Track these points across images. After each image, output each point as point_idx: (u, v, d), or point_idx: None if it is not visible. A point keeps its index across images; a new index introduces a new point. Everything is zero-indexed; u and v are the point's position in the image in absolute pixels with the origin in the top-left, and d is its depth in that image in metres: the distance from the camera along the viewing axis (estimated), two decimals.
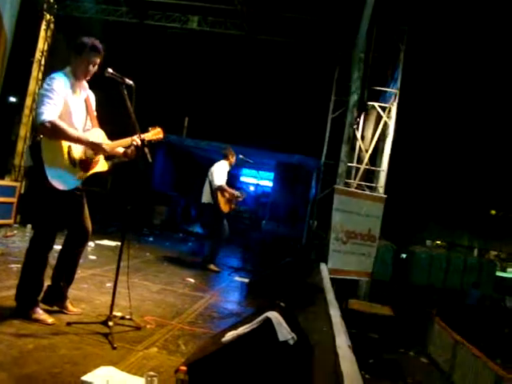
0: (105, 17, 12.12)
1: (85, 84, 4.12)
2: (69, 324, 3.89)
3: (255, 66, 12.82)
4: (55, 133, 3.70)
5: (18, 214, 8.89)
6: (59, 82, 3.81)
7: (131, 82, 3.96)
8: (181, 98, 13.73)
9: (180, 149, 15.15)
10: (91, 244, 8.34)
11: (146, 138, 4.18)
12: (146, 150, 4.03)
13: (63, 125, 3.72)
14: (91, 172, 4.08)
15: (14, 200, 8.75)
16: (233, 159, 8.31)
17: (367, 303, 10.10)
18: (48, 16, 12.06)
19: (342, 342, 4.43)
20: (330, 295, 6.80)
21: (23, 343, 3.38)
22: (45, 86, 3.82)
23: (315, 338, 4.26)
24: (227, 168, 8.26)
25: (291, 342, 2.92)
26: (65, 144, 3.81)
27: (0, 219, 8.40)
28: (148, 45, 12.93)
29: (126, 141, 4.18)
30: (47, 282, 4.14)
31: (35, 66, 11.64)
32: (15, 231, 8.08)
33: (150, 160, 4.00)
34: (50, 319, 3.89)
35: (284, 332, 2.89)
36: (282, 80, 12.77)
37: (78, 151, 3.92)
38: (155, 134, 4.28)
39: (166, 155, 14.74)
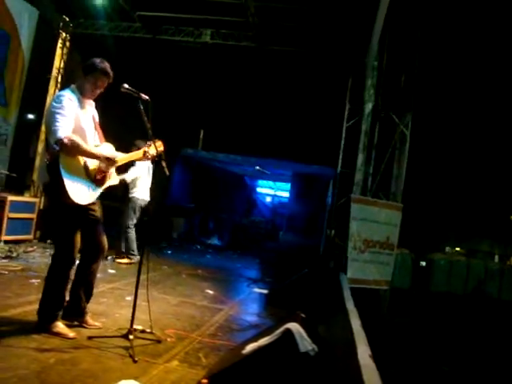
0: (119, 33, 12.26)
1: (90, 101, 4.18)
2: (90, 338, 3.92)
3: (269, 77, 12.85)
4: (73, 148, 3.75)
5: (38, 230, 8.97)
6: (68, 98, 3.87)
7: (147, 97, 4.00)
8: (195, 111, 13.80)
9: (196, 161, 15.23)
10: (109, 258, 8.41)
11: (149, 153, 4.22)
12: (164, 163, 4.06)
13: (79, 140, 3.79)
14: (106, 185, 4.13)
15: (33, 216, 8.84)
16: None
17: None
18: (64, 34, 12.21)
19: (364, 351, 4.39)
20: (350, 304, 6.76)
21: (45, 357, 3.40)
22: (54, 103, 3.87)
23: (336, 349, 4.24)
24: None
25: (312, 354, 2.91)
26: (81, 159, 3.87)
27: (20, 235, 8.49)
28: (162, 59, 13.03)
29: (138, 153, 4.24)
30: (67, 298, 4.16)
31: (52, 83, 11.77)
32: (35, 247, 8.15)
33: (168, 173, 4.03)
34: (71, 333, 3.92)
35: (305, 343, 2.88)
36: (296, 90, 12.77)
37: (93, 166, 3.97)
38: (158, 146, 4.25)
39: (183, 168, 14.82)
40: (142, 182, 8.28)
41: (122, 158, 4.19)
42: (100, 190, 4.10)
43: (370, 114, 10.16)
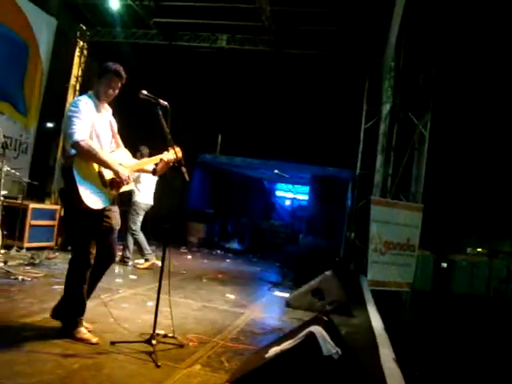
0: (135, 40, 12.35)
1: (107, 107, 4.21)
2: (113, 343, 3.93)
3: (285, 80, 12.84)
4: (88, 152, 3.78)
5: (59, 237, 9.05)
6: (85, 103, 3.91)
7: (166, 103, 4.01)
8: (213, 116, 13.84)
9: (215, 166, 15.27)
10: (130, 263, 8.46)
11: (165, 158, 4.24)
12: (184, 169, 4.06)
13: (95, 145, 3.84)
14: (120, 191, 4.15)
15: (54, 223, 8.93)
16: None
17: None
18: (81, 43, 12.35)
19: (387, 354, 4.35)
20: (371, 307, 6.71)
21: (69, 363, 3.43)
22: (70, 108, 3.91)
23: (358, 352, 4.21)
24: None
25: (336, 357, 2.89)
26: (95, 165, 3.89)
27: (42, 242, 8.58)
28: (178, 65, 13.10)
29: (152, 159, 4.26)
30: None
31: (70, 92, 11.90)
32: (57, 253, 8.23)
33: (188, 179, 4.04)
34: (94, 338, 3.94)
35: (328, 346, 2.86)
36: (313, 93, 12.75)
37: (108, 172, 3.97)
38: (174, 153, 4.22)
39: (202, 173, 14.87)
40: (144, 187, 8.31)
41: (134, 164, 4.23)
42: (115, 195, 4.14)
43: (388, 114, 10.12)
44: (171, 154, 4.19)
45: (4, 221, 7.05)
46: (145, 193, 8.33)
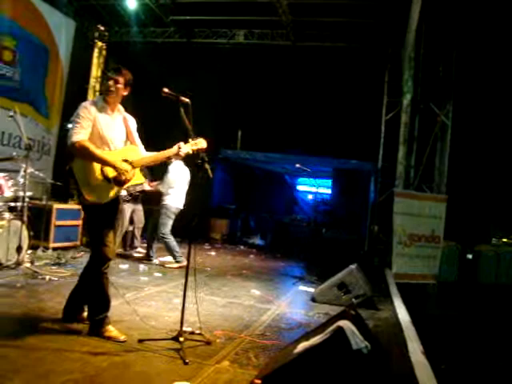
0: (153, 39, 12.40)
1: (120, 108, 4.31)
2: (140, 341, 3.96)
3: (304, 74, 12.77)
4: (83, 152, 3.93)
5: (84, 236, 9.13)
6: (85, 108, 4.03)
7: (187, 100, 4.05)
8: (232, 112, 13.82)
9: (236, 162, 15.27)
10: (155, 261, 8.50)
11: (186, 149, 4.25)
12: (207, 165, 4.07)
13: (90, 146, 3.94)
14: (127, 185, 4.20)
15: (78, 222, 9.00)
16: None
17: None
18: (100, 43, 12.44)
19: (415, 347, 4.32)
20: (398, 300, 6.66)
21: (98, 361, 3.47)
22: (74, 113, 4.08)
23: (386, 345, 4.18)
24: None
25: (365, 351, 2.86)
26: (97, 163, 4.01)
27: (67, 241, 8.66)
28: (197, 62, 13.10)
29: (166, 152, 4.28)
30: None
31: (90, 92, 12.01)
32: (82, 252, 8.29)
33: (211, 176, 4.05)
34: (121, 336, 3.99)
35: (357, 341, 2.84)
36: (333, 85, 12.65)
37: (111, 168, 4.06)
38: (195, 144, 4.28)
39: (223, 169, 14.88)
40: (176, 190, 8.31)
41: (139, 160, 4.25)
42: (120, 190, 4.19)
43: (409, 105, 10.00)
44: (188, 147, 4.22)
45: (30, 221, 7.13)
46: (176, 196, 8.34)
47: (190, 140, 4.25)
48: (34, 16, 9.90)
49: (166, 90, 4.07)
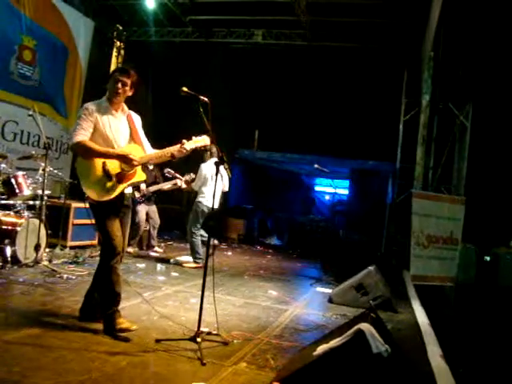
0: (171, 39, 12.44)
1: (124, 107, 4.37)
2: (158, 341, 3.96)
3: (322, 74, 12.73)
4: (85, 151, 4.09)
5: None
6: (86, 109, 4.16)
7: (206, 99, 4.04)
8: (249, 112, 13.81)
9: (253, 162, 15.25)
10: (171, 261, 8.52)
11: (192, 146, 4.28)
12: (226, 165, 4.08)
13: (90, 143, 4.07)
14: (128, 183, 4.27)
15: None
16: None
17: None
18: (118, 43, 12.50)
19: (434, 351, 4.27)
20: (416, 302, 6.60)
21: (116, 360, 3.48)
22: (77, 114, 4.23)
23: (405, 348, 4.13)
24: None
25: (385, 355, 2.82)
26: (99, 160, 4.11)
27: (85, 240, 8.70)
28: (214, 61, 13.13)
29: (168, 149, 4.29)
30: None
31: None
32: (99, 251, 8.32)
33: (230, 175, 4.06)
34: (133, 326, 4.06)
35: (378, 344, 2.80)
36: (351, 85, 12.59)
37: (113, 166, 4.15)
38: (198, 141, 4.30)
39: (241, 169, 14.86)
40: (208, 189, 8.28)
41: (143, 156, 4.29)
42: (123, 187, 4.23)
43: (427, 106, 9.89)
44: (191, 144, 4.23)
45: (48, 220, 7.19)
46: (209, 195, 8.29)
47: (193, 137, 4.28)
48: (53, 16, 9.98)
49: (185, 89, 4.08)
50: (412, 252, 8.74)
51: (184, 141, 4.26)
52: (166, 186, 8.94)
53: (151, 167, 8.54)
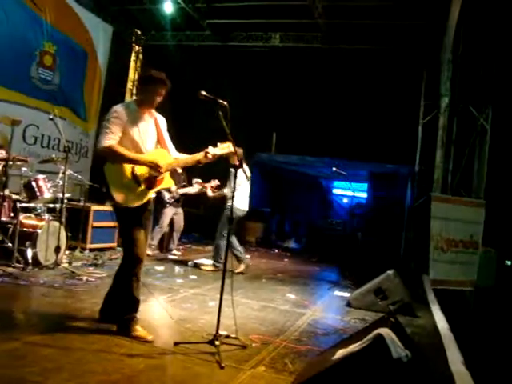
0: (189, 42, 12.49)
1: (152, 111, 4.35)
2: (176, 344, 3.97)
3: (340, 77, 12.67)
4: (114, 156, 4.00)
5: (120, 237, 9.23)
6: (116, 112, 4.07)
7: (225, 103, 4.04)
8: (267, 115, 13.80)
9: (271, 165, 15.24)
10: (189, 263, 8.55)
11: (217, 153, 4.29)
12: (246, 167, 4.08)
13: (119, 148, 3.99)
14: (156, 189, 4.27)
15: (115, 224, 9.07)
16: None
17: None
18: (137, 47, 12.59)
19: (455, 357, 4.21)
20: (436, 307, 6.53)
21: (134, 363, 3.49)
22: (105, 117, 4.14)
23: (425, 354, 4.09)
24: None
25: (405, 360, 2.79)
26: (127, 165, 4.07)
27: (104, 243, 8.77)
28: (232, 65, 13.15)
29: (194, 156, 4.31)
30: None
31: (127, 96, 12.18)
32: (118, 254, 8.38)
33: (248, 179, 4.07)
34: (149, 336, 4.03)
35: (398, 349, 2.77)
36: (369, 88, 12.52)
37: (142, 171, 4.13)
38: (223, 148, 4.32)
39: (258, 172, 14.84)
40: (239, 193, 8.28)
41: (171, 163, 4.28)
42: (151, 194, 4.25)
43: (447, 108, 9.82)
44: (216, 151, 4.24)
45: (68, 222, 7.26)
46: (240, 199, 8.31)
47: (218, 144, 4.29)
48: (73, 21, 10.09)
49: (203, 92, 4.06)
50: (431, 256, 8.67)
51: (210, 148, 4.28)
52: (194, 190, 9.01)
53: (180, 170, 8.58)
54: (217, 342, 3.91)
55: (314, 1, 9.95)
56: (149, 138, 4.28)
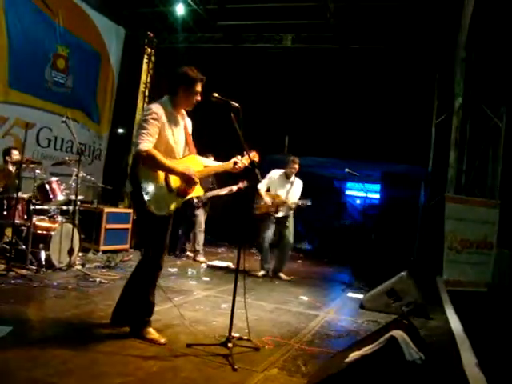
0: (201, 44, 12.50)
1: (183, 112, 4.25)
2: (189, 346, 3.96)
3: (352, 77, 12.62)
4: (150, 162, 3.84)
5: (133, 239, 9.28)
6: (155, 112, 3.92)
7: (237, 105, 4.02)
8: (279, 117, 13.78)
9: (283, 166, 15.20)
10: (203, 265, 8.56)
11: (242, 164, 4.29)
12: (257, 171, 4.07)
13: (158, 155, 3.85)
14: (188, 197, 4.20)
15: (128, 226, 9.15)
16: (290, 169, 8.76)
17: None
18: (149, 49, 12.62)
19: (469, 359, 4.17)
20: (449, 308, 6.48)
21: (148, 365, 3.50)
22: (142, 117, 4.00)
23: (439, 356, 4.06)
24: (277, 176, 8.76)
25: (419, 362, 2.77)
26: (161, 172, 3.96)
27: (117, 245, 8.83)
28: (244, 67, 13.15)
29: (223, 165, 4.35)
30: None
31: (140, 98, 12.19)
32: (131, 256, 8.43)
33: (261, 181, 4.05)
34: (162, 339, 4.01)
35: (411, 351, 2.75)
36: (381, 88, 12.46)
37: (175, 178, 4.03)
38: (250, 158, 4.30)
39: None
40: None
41: (201, 171, 4.25)
42: (181, 202, 4.17)
43: (460, 108, 9.73)
44: (245, 160, 4.24)
45: (81, 225, 7.31)
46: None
47: (244, 153, 4.26)
48: (85, 24, 10.15)
49: (215, 94, 4.03)
50: (445, 257, 8.61)
51: (238, 157, 4.28)
52: (223, 191, 9.08)
53: None
54: (230, 344, 3.90)
55: (326, 1, 9.92)
56: (181, 143, 4.19)
